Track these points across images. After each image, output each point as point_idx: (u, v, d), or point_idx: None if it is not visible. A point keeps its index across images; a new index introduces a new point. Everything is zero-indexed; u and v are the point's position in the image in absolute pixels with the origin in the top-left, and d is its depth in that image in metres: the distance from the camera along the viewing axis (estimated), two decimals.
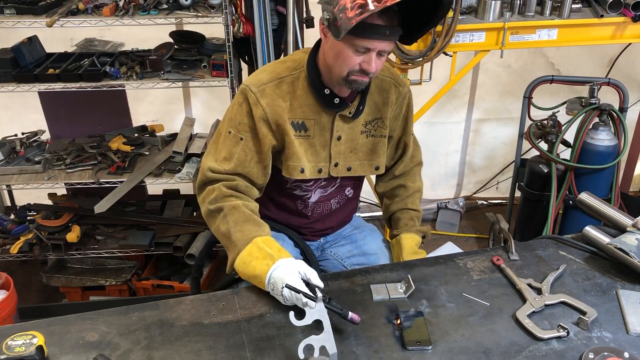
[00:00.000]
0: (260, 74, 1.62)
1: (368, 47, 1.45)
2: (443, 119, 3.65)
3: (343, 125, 1.65)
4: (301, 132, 1.63)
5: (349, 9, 1.36)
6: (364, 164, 1.74)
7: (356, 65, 1.48)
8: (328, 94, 1.59)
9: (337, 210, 1.86)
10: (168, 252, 2.87)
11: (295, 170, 1.64)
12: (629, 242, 1.55)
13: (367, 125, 1.70)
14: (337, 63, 1.50)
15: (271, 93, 1.58)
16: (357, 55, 1.47)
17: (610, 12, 2.59)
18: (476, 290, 1.47)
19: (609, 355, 1.24)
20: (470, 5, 2.70)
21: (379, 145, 1.74)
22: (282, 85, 1.59)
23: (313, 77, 1.59)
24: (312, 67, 1.60)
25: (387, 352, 1.28)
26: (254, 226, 1.54)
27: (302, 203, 1.79)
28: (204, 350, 1.29)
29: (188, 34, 2.95)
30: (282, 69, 1.62)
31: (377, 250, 1.88)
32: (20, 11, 2.45)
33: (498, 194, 3.91)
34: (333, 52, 1.50)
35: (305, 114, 1.61)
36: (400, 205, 1.87)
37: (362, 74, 1.50)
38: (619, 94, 2.73)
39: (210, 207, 1.59)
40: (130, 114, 3.12)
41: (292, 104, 1.60)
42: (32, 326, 1.33)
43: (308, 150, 1.65)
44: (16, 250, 2.79)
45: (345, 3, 1.38)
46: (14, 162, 2.73)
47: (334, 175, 1.71)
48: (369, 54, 1.47)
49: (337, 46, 1.48)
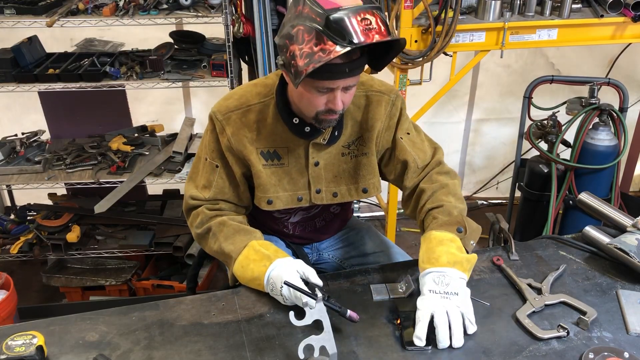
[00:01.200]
0: (229, 100, 1.55)
1: (330, 87, 1.36)
2: (443, 119, 3.65)
3: (319, 152, 1.56)
4: (274, 160, 1.55)
5: (298, 57, 1.28)
6: (350, 188, 1.63)
7: (322, 105, 1.40)
8: (297, 123, 1.50)
9: (323, 227, 1.82)
10: (168, 252, 2.87)
11: (262, 201, 1.59)
12: (629, 242, 1.55)
13: (350, 146, 1.59)
14: (303, 104, 1.43)
15: (237, 121, 1.52)
16: (321, 96, 1.38)
17: (610, 12, 2.59)
18: (476, 290, 1.47)
19: (609, 355, 1.24)
20: (470, 5, 2.70)
21: (363, 165, 1.61)
22: (249, 114, 1.52)
23: (281, 105, 1.50)
24: (281, 95, 1.50)
25: (387, 352, 1.28)
26: (245, 235, 1.52)
27: (282, 224, 1.76)
28: (204, 350, 1.29)
29: (188, 34, 2.95)
30: (253, 94, 1.54)
31: (375, 249, 1.86)
32: (20, 11, 2.45)
33: (498, 194, 3.91)
34: (296, 93, 1.43)
35: (275, 142, 1.54)
36: (422, 214, 1.56)
37: (330, 113, 1.41)
38: (619, 94, 2.73)
39: (197, 230, 1.58)
40: (130, 114, 3.12)
41: (261, 133, 1.53)
42: (32, 326, 1.33)
43: (283, 179, 1.58)
44: (16, 250, 2.80)
45: (294, 50, 1.29)
46: (14, 162, 2.73)
47: (317, 202, 1.62)
48: (333, 93, 1.37)
49: (299, 89, 1.39)
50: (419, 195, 1.59)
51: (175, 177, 2.70)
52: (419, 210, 1.57)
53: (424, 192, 1.57)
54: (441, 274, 1.35)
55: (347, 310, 1.31)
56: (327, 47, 1.25)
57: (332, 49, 1.25)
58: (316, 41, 1.26)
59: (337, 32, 1.24)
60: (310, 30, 1.26)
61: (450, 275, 1.35)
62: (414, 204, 1.61)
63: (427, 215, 1.53)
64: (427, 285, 1.34)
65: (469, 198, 3.90)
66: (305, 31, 1.27)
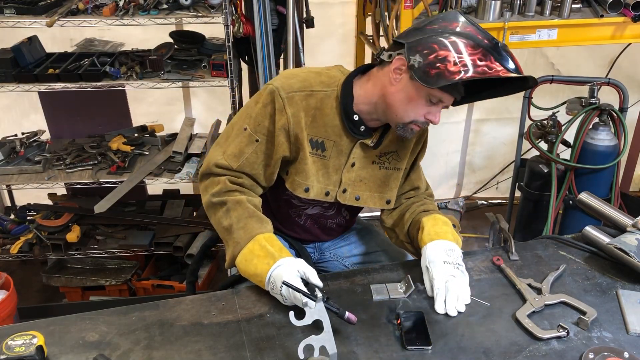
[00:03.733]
0: (292, 79, 1.55)
1: (442, 100, 1.47)
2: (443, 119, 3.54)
3: (360, 153, 1.62)
4: (318, 150, 1.58)
5: (451, 63, 1.36)
6: (374, 195, 1.69)
7: (421, 115, 1.49)
8: (357, 120, 1.56)
9: (330, 229, 1.83)
10: (168, 252, 2.87)
11: (299, 187, 1.60)
12: (629, 242, 1.55)
13: (382, 157, 1.65)
14: (404, 107, 1.48)
15: (299, 103, 1.52)
16: (427, 105, 1.48)
17: (610, 12, 2.59)
18: (476, 290, 1.47)
19: (609, 355, 1.24)
20: (470, 5, 2.70)
21: (392, 179, 1.69)
22: (311, 99, 1.54)
23: (346, 100, 1.55)
24: (348, 90, 1.55)
25: (387, 352, 1.28)
26: (257, 223, 1.51)
27: (297, 212, 1.75)
28: (204, 350, 1.29)
29: (188, 34, 2.95)
30: (316, 81, 1.56)
31: (376, 248, 1.87)
32: (20, 11, 2.45)
33: (498, 194, 3.91)
34: (403, 95, 1.47)
35: (327, 134, 1.57)
36: (414, 212, 1.69)
37: (422, 124, 1.52)
38: (619, 94, 2.72)
39: (213, 199, 1.55)
40: (130, 114, 3.12)
41: (317, 121, 1.56)
42: (32, 326, 1.32)
43: (320, 170, 1.61)
44: (16, 250, 2.80)
45: (447, 56, 1.37)
46: (14, 162, 2.73)
47: (341, 201, 1.66)
48: (438, 106, 1.49)
49: (410, 92, 1.46)
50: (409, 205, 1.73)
51: (175, 177, 2.70)
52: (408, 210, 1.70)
53: (415, 203, 1.72)
54: (450, 247, 1.49)
55: (345, 312, 1.30)
56: (493, 65, 1.38)
57: (499, 68, 1.38)
58: (482, 57, 1.38)
59: (502, 58, 1.39)
60: (475, 46, 1.38)
61: (457, 251, 1.50)
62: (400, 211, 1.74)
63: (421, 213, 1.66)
64: (440, 256, 1.47)
65: (469, 198, 3.91)
66: (469, 45, 1.38)
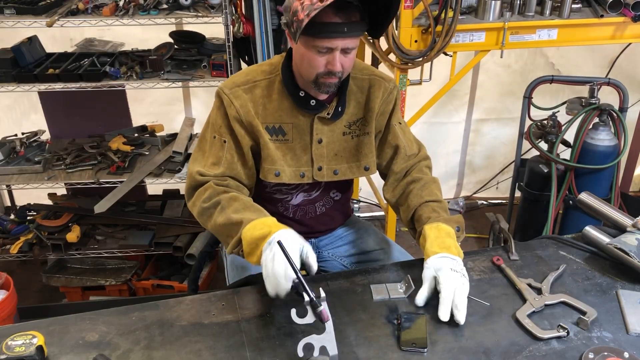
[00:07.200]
0: (236, 77, 1.61)
1: (329, 47, 1.43)
2: (443, 119, 3.65)
3: (323, 128, 1.62)
4: (278, 136, 1.60)
5: (300, 11, 1.36)
6: (351, 166, 1.69)
7: (321, 67, 1.46)
8: (303, 96, 1.57)
9: (323, 214, 1.82)
10: (168, 252, 2.87)
11: (270, 173, 1.61)
12: (629, 242, 1.55)
13: (352, 126, 1.66)
14: (304, 67, 1.49)
15: (243, 95, 1.57)
16: (320, 56, 1.45)
17: (610, 12, 2.59)
18: (476, 290, 1.47)
19: (609, 355, 1.24)
20: (470, 5, 2.70)
21: (365, 144, 1.67)
22: (256, 90, 1.58)
23: (287, 80, 1.57)
24: (287, 70, 1.58)
25: (387, 353, 1.28)
26: (255, 212, 1.49)
27: (283, 206, 1.75)
28: (204, 350, 1.29)
29: (188, 34, 2.95)
30: (258, 72, 1.60)
31: (375, 247, 1.86)
32: (20, 11, 2.45)
33: (498, 194, 3.91)
34: (298, 55, 1.50)
35: (281, 117, 1.59)
36: (417, 201, 1.62)
37: (329, 76, 1.48)
38: (619, 94, 2.73)
39: (204, 205, 1.54)
40: (130, 114, 3.12)
41: (267, 108, 1.58)
42: (32, 326, 1.32)
43: (287, 154, 1.62)
44: (16, 250, 2.80)
45: (296, 6, 1.38)
46: (14, 162, 2.73)
47: (318, 179, 1.67)
48: (332, 54, 1.44)
49: (300, 50, 1.47)
50: (410, 182, 1.68)
51: (175, 177, 2.70)
52: (410, 195, 1.65)
53: (416, 181, 1.67)
54: (455, 260, 1.46)
55: (322, 303, 1.21)
56: None
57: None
58: None
59: None
60: None
61: (460, 263, 1.47)
62: (402, 189, 1.69)
63: (424, 205, 1.61)
64: (447, 264, 1.43)
65: (469, 198, 3.91)
66: None
